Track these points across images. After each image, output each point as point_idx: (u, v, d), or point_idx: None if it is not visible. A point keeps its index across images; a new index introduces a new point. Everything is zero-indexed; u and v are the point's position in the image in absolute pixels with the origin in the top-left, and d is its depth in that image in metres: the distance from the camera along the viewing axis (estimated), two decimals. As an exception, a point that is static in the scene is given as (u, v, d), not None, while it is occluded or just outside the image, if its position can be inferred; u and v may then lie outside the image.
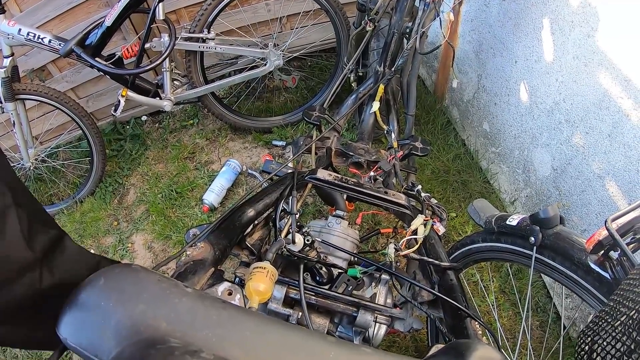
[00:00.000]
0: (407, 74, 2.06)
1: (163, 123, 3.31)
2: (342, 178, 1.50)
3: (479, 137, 2.59)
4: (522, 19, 2.00)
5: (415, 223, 1.35)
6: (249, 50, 2.72)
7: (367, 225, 2.51)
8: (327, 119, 1.93)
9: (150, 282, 0.65)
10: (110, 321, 0.59)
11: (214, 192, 2.73)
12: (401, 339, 2.10)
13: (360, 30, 2.29)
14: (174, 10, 2.74)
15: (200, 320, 0.61)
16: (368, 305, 1.25)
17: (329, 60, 3.31)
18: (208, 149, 3.08)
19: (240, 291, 1.05)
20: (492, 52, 2.28)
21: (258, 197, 1.38)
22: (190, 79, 2.64)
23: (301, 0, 2.74)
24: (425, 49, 2.08)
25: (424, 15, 1.81)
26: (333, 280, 1.31)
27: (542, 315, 2.09)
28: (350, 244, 1.45)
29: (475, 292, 2.13)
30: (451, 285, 1.21)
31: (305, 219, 2.56)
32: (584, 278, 1.11)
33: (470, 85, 2.57)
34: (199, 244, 1.11)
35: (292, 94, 3.27)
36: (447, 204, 2.50)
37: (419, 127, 2.85)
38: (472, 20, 2.40)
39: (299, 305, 1.27)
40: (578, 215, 1.92)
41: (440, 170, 2.64)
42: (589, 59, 1.69)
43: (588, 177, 1.82)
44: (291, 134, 3.02)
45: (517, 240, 1.30)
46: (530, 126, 2.12)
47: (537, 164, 2.12)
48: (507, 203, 2.42)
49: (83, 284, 0.63)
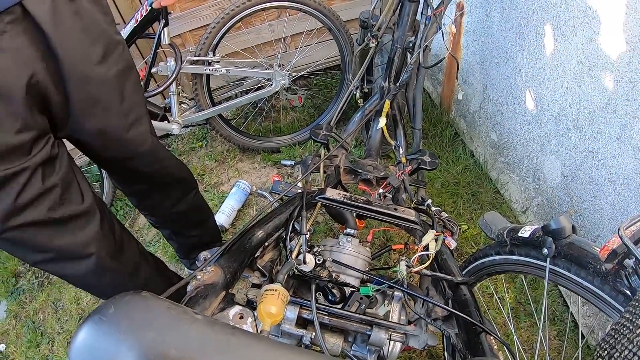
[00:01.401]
0: (412, 88, 2.06)
1: (172, 146, 3.33)
2: (351, 196, 1.49)
3: (488, 147, 2.58)
4: (523, 27, 2.00)
5: (426, 239, 1.34)
6: (254, 72, 2.74)
7: (378, 242, 2.50)
8: (334, 137, 1.93)
9: (159, 310, 0.65)
10: (120, 350, 0.59)
11: (225, 213, 2.73)
12: (416, 354, 2.07)
13: (364, 47, 2.30)
14: (179, 35, 2.77)
15: (210, 347, 0.61)
16: (382, 323, 1.24)
17: (334, 78, 3.33)
18: (217, 171, 3.09)
19: (251, 314, 1.04)
20: (496, 61, 2.27)
21: (267, 218, 1.38)
22: (198, 102, 2.66)
23: (304, 20, 2.76)
24: (429, 62, 2.09)
25: (426, 29, 1.81)
26: (345, 299, 1.30)
27: (559, 324, 2.06)
28: (362, 261, 1.44)
29: (490, 304, 2.11)
30: (465, 300, 1.20)
31: (316, 237, 2.55)
32: (600, 288, 1.09)
33: (476, 96, 2.56)
34: (209, 268, 1.11)
35: (299, 112, 3.28)
36: (458, 216, 2.49)
37: (427, 141, 2.85)
38: (474, 31, 2.41)
39: (312, 325, 1.26)
40: (591, 222, 1.90)
41: (449, 182, 2.63)
42: (593, 63, 1.68)
43: (599, 182, 1.80)
44: (299, 153, 3.02)
45: (531, 251, 1.29)
46: (538, 134, 2.11)
47: (547, 172, 2.10)
48: (519, 212, 2.41)
49: (93, 312, 0.63)
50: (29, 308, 2.83)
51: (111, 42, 1.40)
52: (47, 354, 2.60)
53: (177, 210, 2.01)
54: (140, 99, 1.58)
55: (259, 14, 2.65)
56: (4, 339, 2.78)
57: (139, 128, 1.59)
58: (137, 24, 2.18)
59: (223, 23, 2.44)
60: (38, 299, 2.84)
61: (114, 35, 1.43)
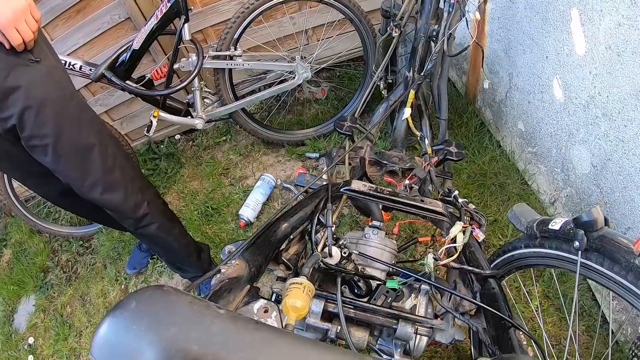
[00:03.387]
0: (437, 77, 2.03)
1: (196, 141, 3.34)
2: (377, 188, 1.48)
3: (515, 137, 2.53)
4: (549, 12, 1.95)
5: (454, 231, 1.32)
6: (276, 65, 2.73)
7: (404, 234, 2.48)
8: (359, 129, 1.91)
9: (182, 305, 0.64)
10: (141, 345, 0.58)
11: (250, 207, 2.74)
12: (443, 349, 2.05)
13: (387, 37, 2.27)
14: (200, 30, 2.78)
15: (233, 342, 0.60)
16: (408, 317, 1.22)
17: (357, 69, 3.30)
18: (242, 164, 3.10)
19: (276, 308, 1.03)
20: (522, 48, 2.23)
21: (293, 211, 1.37)
22: (220, 97, 2.66)
23: (325, 12, 2.74)
24: (454, 50, 2.05)
25: (449, 17, 1.78)
26: (372, 293, 1.29)
27: (588, 319, 2.01)
28: (388, 254, 1.42)
29: (517, 297, 2.07)
30: (493, 294, 1.17)
31: (341, 229, 2.54)
32: (633, 282, 1.06)
33: (501, 85, 2.52)
34: (234, 262, 1.10)
35: (322, 105, 3.26)
36: (485, 208, 2.45)
37: (452, 131, 2.81)
38: (499, 18, 2.36)
39: (337, 319, 1.25)
40: (621, 213, 1.85)
41: (476, 174, 2.59)
42: (622, 49, 1.63)
43: (629, 172, 1.75)
44: (324, 145, 3.01)
45: (561, 245, 1.26)
46: (566, 123, 2.06)
47: (575, 162, 2.06)
48: (547, 204, 2.36)
49: (115, 307, 0.63)
50: (57, 302, 2.88)
51: None
52: (74, 346, 2.64)
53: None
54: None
55: (280, 7, 2.65)
56: (33, 333, 2.84)
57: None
58: (157, 21, 2.18)
59: (244, 17, 2.43)
60: (66, 293, 2.89)
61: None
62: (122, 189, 1.90)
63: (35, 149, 1.70)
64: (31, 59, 1.56)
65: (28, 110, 1.58)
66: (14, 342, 2.85)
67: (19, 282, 3.08)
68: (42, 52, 1.61)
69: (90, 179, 1.82)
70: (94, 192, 1.84)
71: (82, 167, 1.79)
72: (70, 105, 1.71)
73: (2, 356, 2.81)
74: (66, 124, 1.69)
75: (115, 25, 2.65)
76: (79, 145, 1.76)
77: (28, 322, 2.91)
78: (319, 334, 1.26)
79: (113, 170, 1.87)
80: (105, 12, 2.60)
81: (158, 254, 2.47)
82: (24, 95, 1.55)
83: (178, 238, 2.23)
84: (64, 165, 1.77)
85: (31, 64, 1.56)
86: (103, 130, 1.89)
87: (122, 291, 2.77)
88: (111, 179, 1.86)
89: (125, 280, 2.80)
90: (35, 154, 1.73)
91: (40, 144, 1.68)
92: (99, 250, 2.99)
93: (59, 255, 3.11)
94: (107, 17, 2.61)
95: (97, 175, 1.82)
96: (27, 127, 1.61)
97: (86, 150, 1.78)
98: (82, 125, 1.76)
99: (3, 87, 1.51)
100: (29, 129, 1.62)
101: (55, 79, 1.66)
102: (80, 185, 1.83)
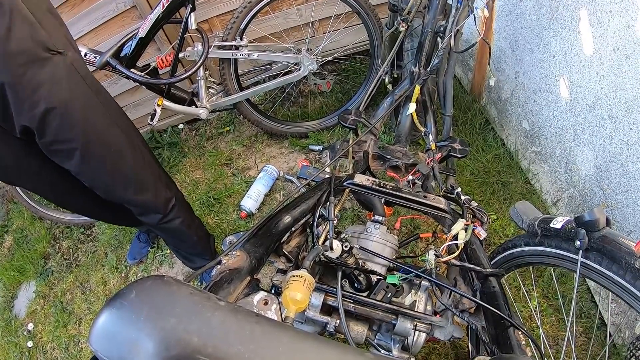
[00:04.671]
0: (442, 73, 2.02)
1: (200, 130, 3.34)
2: (380, 183, 1.47)
3: (519, 136, 2.52)
4: (558, 11, 1.94)
5: (456, 228, 1.31)
6: (282, 56, 2.72)
7: (406, 230, 2.48)
8: (363, 123, 1.91)
9: (182, 295, 0.64)
10: (140, 336, 0.58)
11: (252, 198, 2.74)
12: (441, 346, 2.05)
13: (394, 31, 2.26)
14: (206, 20, 2.77)
15: (233, 335, 0.60)
16: (407, 312, 1.22)
17: (363, 63, 3.29)
18: (245, 155, 3.10)
19: (276, 300, 1.03)
20: (529, 47, 2.22)
21: (295, 203, 1.37)
22: (225, 87, 2.66)
23: (332, 4, 2.73)
24: (461, 47, 2.04)
25: (457, 13, 1.77)
26: (372, 287, 1.29)
27: (587, 321, 2.01)
28: (389, 249, 1.42)
29: (516, 297, 2.07)
30: (494, 292, 1.17)
31: (343, 223, 2.54)
32: (632, 283, 1.06)
33: (507, 83, 2.51)
34: (235, 253, 1.10)
35: (327, 98, 3.25)
36: (487, 206, 2.44)
37: (457, 128, 2.80)
38: (507, 15, 2.35)
39: (336, 312, 1.25)
40: (623, 216, 1.84)
41: (479, 171, 2.59)
42: (630, 51, 1.62)
43: (633, 175, 1.75)
44: (327, 138, 3.00)
45: (562, 243, 1.26)
46: (571, 123, 2.05)
47: (579, 163, 2.05)
48: (549, 204, 2.36)
49: (115, 297, 0.63)
50: (58, 289, 2.88)
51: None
52: (74, 333, 2.65)
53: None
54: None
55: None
56: (33, 319, 2.84)
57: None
58: (163, 9, 2.17)
59: (250, 7, 2.42)
60: (66, 280, 2.90)
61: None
62: (152, 186, 1.83)
63: (58, 153, 1.54)
64: (52, 50, 1.38)
65: (51, 112, 1.41)
66: (13, 327, 2.87)
67: (19, 269, 3.09)
68: (66, 44, 1.46)
69: (123, 181, 1.72)
70: (127, 194, 1.75)
71: (113, 169, 1.67)
72: (97, 103, 1.56)
73: (2, 341, 2.82)
74: (95, 125, 1.55)
75: (120, 13, 2.64)
76: (109, 146, 1.62)
77: (28, 308, 2.92)
78: (317, 327, 1.26)
79: (145, 169, 1.78)
80: (111, 0, 2.59)
81: (172, 245, 2.37)
82: (46, 94, 1.37)
83: (197, 231, 2.21)
84: (94, 170, 1.64)
85: (53, 55, 1.39)
86: (130, 125, 1.79)
87: (122, 279, 2.77)
88: (143, 177, 1.79)
89: (125, 269, 2.81)
90: (56, 158, 1.57)
91: (65, 149, 1.52)
92: (100, 238, 2.99)
93: (60, 242, 3.12)
94: (113, 5, 2.60)
95: (129, 176, 1.72)
96: (48, 131, 1.44)
97: (117, 151, 1.66)
98: (111, 125, 1.62)
99: (20, 84, 1.33)
100: (51, 134, 1.45)
101: (81, 73, 1.50)
102: (111, 188, 1.72)
